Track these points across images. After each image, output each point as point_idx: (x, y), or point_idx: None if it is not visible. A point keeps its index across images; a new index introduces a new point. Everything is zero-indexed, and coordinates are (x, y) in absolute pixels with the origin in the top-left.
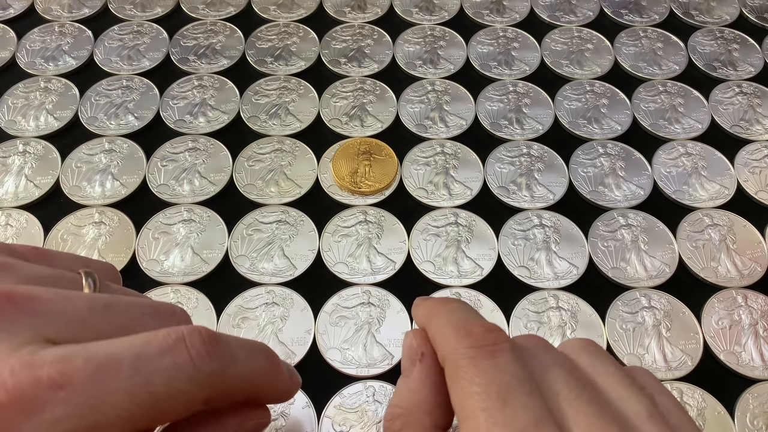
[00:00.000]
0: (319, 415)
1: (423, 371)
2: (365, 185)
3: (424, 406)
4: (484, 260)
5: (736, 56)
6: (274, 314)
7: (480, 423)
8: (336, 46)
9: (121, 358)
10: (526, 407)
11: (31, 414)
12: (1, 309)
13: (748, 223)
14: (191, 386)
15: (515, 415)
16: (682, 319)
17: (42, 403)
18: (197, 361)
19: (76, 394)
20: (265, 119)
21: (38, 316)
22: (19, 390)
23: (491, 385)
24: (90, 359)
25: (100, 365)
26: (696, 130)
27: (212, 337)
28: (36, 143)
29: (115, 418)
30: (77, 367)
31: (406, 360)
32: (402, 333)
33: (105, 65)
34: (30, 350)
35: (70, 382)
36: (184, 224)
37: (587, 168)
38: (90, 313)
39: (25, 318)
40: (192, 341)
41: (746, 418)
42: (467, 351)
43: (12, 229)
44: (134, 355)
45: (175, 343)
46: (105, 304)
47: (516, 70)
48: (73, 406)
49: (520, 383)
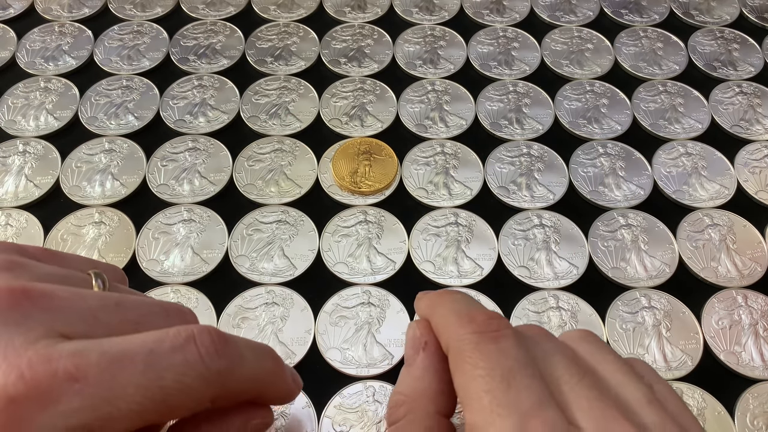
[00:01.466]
0: (319, 415)
1: (426, 359)
2: (365, 185)
3: (427, 393)
4: (484, 260)
5: (736, 56)
6: (274, 314)
7: (484, 404)
8: (336, 46)
9: (134, 353)
10: (530, 389)
11: (47, 405)
12: (18, 304)
13: (748, 223)
14: (200, 383)
15: (519, 396)
16: (682, 319)
17: (58, 395)
18: (207, 359)
19: (91, 387)
20: (265, 119)
21: (53, 312)
22: (36, 382)
23: (495, 368)
24: (104, 354)
25: (113, 360)
26: (696, 130)
27: (221, 337)
28: (36, 143)
29: (127, 411)
30: (92, 361)
31: (410, 349)
32: (402, 333)
33: (105, 65)
34: (46, 344)
35: (85, 376)
36: (184, 224)
37: (587, 168)
38: (102, 310)
39: (41, 313)
40: (202, 340)
41: (746, 418)
42: (471, 336)
43: (12, 229)
44: (147, 351)
45: (186, 341)
46: (116, 302)
47: (516, 70)
48: (87, 398)
49: (523, 367)
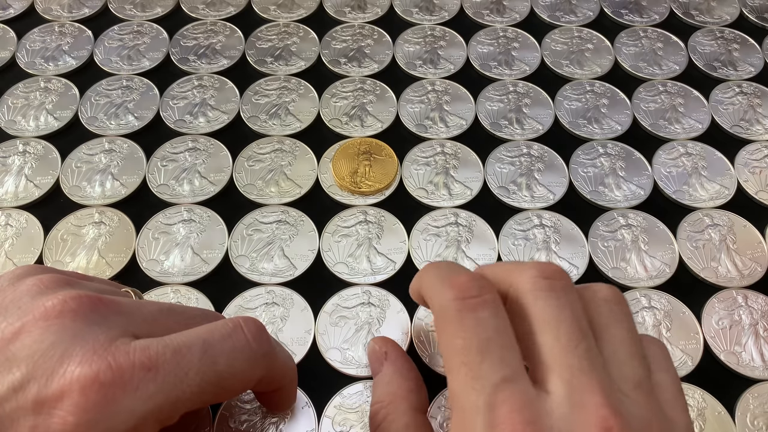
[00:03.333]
0: (319, 415)
1: (390, 366)
2: (365, 185)
3: (399, 393)
4: (485, 260)
5: (736, 56)
6: (274, 314)
7: (461, 377)
8: (336, 46)
9: (191, 344)
10: (502, 362)
11: (129, 391)
12: (96, 308)
13: (748, 223)
14: (248, 365)
15: (492, 368)
16: (682, 319)
17: (137, 382)
18: (253, 343)
19: (162, 375)
20: (265, 119)
21: (124, 316)
22: (121, 371)
23: (472, 338)
24: (168, 346)
25: (176, 351)
26: (696, 130)
27: (262, 326)
28: (36, 143)
29: (190, 393)
30: (160, 353)
31: (374, 363)
32: (403, 333)
33: (105, 65)
34: (124, 341)
35: (156, 365)
36: (184, 224)
37: (587, 168)
38: (159, 314)
39: (115, 316)
40: (248, 327)
41: (746, 418)
42: (452, 304)
43: (12, 229)
44: (201, 342)
45: (234, 329)
46: (168, 307)
47: (516, 70)
48: (159, 384)
49: (499, 335)
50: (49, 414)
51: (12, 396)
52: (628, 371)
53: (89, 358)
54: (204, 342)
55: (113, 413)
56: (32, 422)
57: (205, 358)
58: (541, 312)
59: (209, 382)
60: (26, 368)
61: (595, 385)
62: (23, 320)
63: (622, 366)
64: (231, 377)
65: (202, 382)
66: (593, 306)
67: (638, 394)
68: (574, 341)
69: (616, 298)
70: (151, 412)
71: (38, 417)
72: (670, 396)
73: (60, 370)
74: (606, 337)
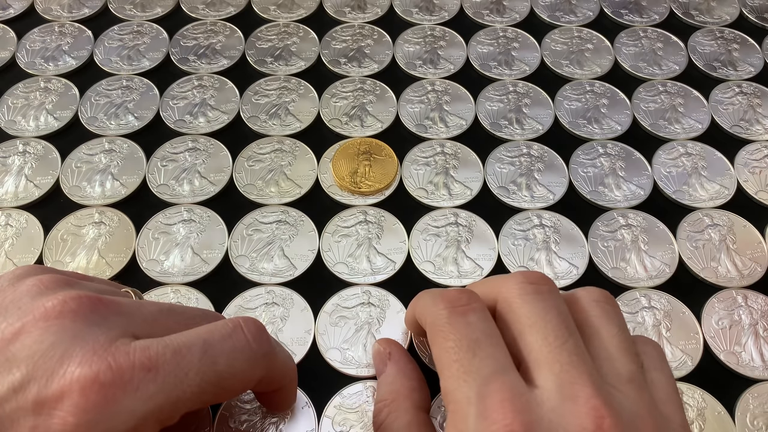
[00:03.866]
0: (319, 415)
1: (394, 366)
2: (365, 185)
3: (402, 392)
4: (484, 260)
5: (736, 56)
6: (274, 314)
7: (453, 372)
8: (336, 46)
9: (191, 344)
10: (493, 357)
11: (129, 391)
12: (96, 309)
13: (748, 223)
14: (248, 365)
15: (482, 364)
16: (682, 319)
17: (137, 382)
18: (253, 343)
19: (162, 375)
20: (265, 119)
21: (124, 316)
22: (121, 371)
23: (462, 339)
24: (168, 347)
25: (176, 351)
26: (696, 130)
27: (262, 327)
28: (36, 143)
29: (190, 393)
30: (160, 353)
31: (378, 363)
32: (403, 333)
33: (105, 65)
34: (124, 341)
35: (156, 366)
36: (184, 224)
37: (587, 168)
38: (159, 314)
39: (115, 317)
40: (248, 327)
41: (746, 418)
42: (443, 312)
43: (12, 229)
44: (202, 342)
45: (234, 329)
46: (168, 308)
47: (516, 70)
48: (160, 384)
49: (487, 337)
50: (49, 414)
51: (12, 396)
52: (619, 366)
53: (89, 359)
54: (204, 342)
55: (113, 414)
56: (32, 423)
57: (205, 359)
58: (529, 314)
59: (209, 382)
60: (26, 369)
61: (585, 378)
62: (23, 321)
63: (614, 362)
64: (231, 377)
65: (202, 382)
66: (582, 307)
67: (630, 389)
68: (561, 338)
69: (605, 298)
70: (152, 413)
71: (38, 417)
72: (664, 394)
73: (60, 370)
74: (596, 335)
